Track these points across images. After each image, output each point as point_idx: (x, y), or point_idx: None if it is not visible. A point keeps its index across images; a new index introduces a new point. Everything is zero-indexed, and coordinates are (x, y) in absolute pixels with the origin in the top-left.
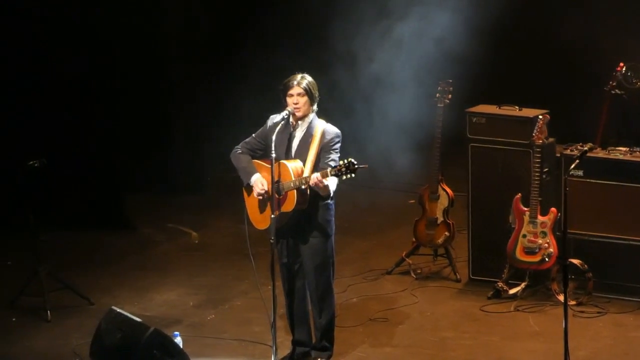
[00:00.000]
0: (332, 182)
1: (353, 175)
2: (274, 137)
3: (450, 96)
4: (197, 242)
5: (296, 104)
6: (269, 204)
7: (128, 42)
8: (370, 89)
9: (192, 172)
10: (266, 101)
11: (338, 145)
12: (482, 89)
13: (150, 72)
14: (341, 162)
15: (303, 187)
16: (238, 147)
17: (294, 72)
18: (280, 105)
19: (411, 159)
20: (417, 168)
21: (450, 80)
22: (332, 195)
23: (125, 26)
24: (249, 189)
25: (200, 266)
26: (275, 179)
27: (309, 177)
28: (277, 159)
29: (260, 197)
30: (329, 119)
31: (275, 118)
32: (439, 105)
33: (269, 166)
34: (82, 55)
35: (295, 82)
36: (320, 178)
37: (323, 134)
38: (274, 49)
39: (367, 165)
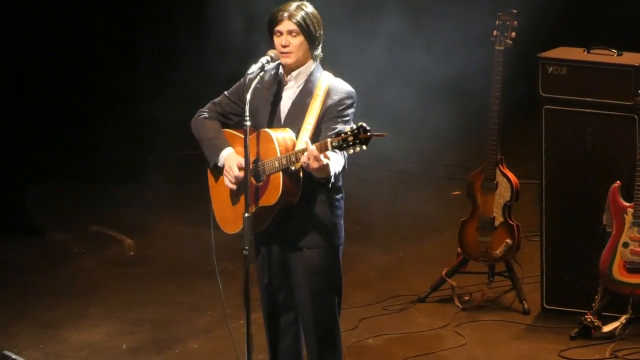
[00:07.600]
0: (335, 161)
1: (364, 147)
2: (248, 96)
3: (514, 34)
4: (132, 253)
5: (285, 46)
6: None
7: None
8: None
9: (128, 150)
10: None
11: (350, 110)
12: (562, 25)
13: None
14: (347, 128)
15: (293, 168)
16: (204, 109)
17: None
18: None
19: (454, 130)
20: (464, 143)
21: (515, 11)
22: (339, 182)
23: None
24: (217, 171)
25: (138, 290)
26: (253, 156)
27: (301, 151)
28: (257, 127)
29: (234, 186)
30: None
31: (255, 67)
32: (497, 47)
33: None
34: None
35: (285, 14)
36: (316, 153)
37: (328, 93)
38: None
39: (386, 134)
